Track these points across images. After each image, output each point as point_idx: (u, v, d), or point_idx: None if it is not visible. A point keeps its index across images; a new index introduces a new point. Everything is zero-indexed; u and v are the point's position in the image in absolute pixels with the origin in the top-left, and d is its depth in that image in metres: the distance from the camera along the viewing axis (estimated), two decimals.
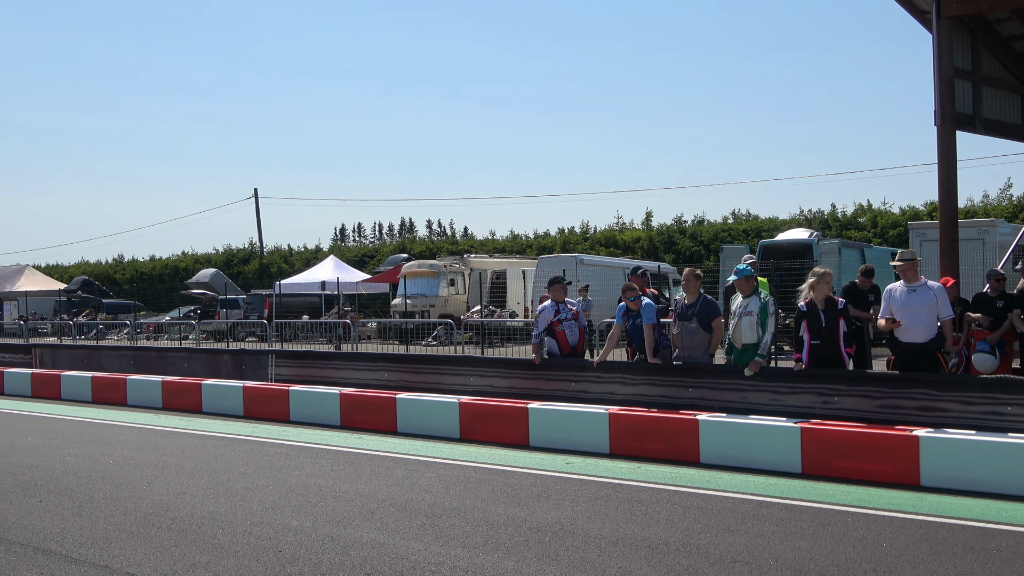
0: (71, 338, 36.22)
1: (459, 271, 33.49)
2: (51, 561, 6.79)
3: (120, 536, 7.45)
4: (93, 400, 17.48)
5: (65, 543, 7.27)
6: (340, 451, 11.42)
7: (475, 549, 6.84)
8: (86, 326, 38.18)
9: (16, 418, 15.46)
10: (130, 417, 15.06)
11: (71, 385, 18.23)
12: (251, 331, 33.20)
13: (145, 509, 8.38)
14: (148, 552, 6.95)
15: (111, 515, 8.18)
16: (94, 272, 62.53)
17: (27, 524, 7.91)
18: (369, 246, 67.94)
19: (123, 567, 6.58)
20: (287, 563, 6.58)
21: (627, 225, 50.91)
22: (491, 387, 13.52)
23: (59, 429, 13.91)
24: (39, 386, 18.96)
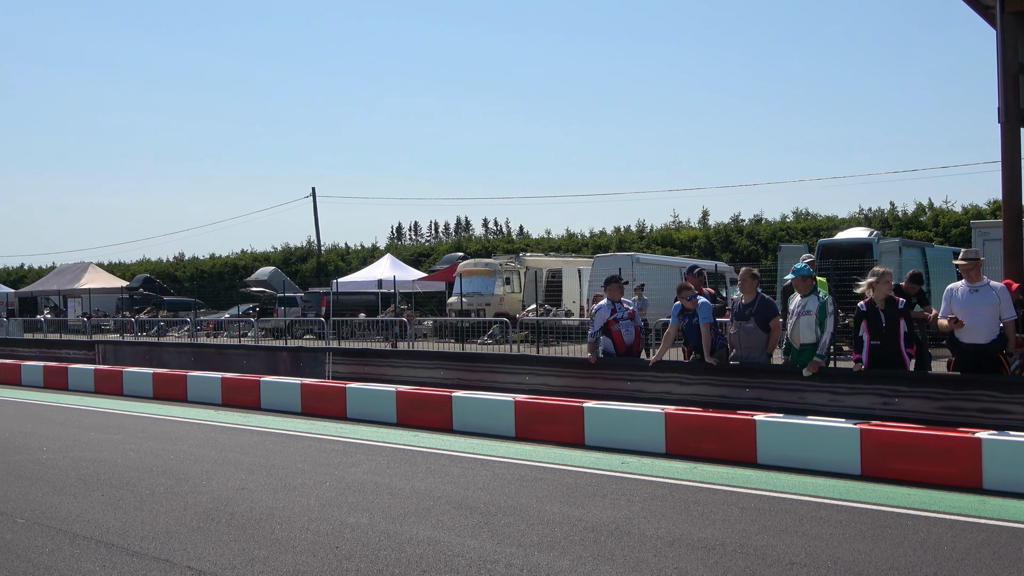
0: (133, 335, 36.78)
1: (515, 270, 33.52)
2: (113, 554, 6.91)
3: (180, 530, 7.56)
4: (154, 396, 17.75)
5: (127, 537, 7.39)
6: (396, 448, 11.49)
7: (530, 548, 6.85)
8: (148, 323, 38.75)
9: (80, 413, 15.74)
10: (190, 413, 15.27)
11: (133, 381, 18.52)
12: (309, 329, 33.49)
13: (205, 504, 8.49)
14: (208, 546, 7.04)
15: (172, 509, 8.30)
16: (156, 270, 63.41)
17: (90, 518, 8.06)
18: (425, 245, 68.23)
19: (183, 561, 6.68)
20: (344, 559, 6.63)
21: (684, 224, 50.63)
22: (546, 386, 13.52)
23: (121, 424, 14.14)
24: (102, 382, 19.28)
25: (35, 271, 71.28)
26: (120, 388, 18.67)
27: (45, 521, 7.95)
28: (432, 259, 50.89)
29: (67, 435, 12.99)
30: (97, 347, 23.76)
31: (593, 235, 52.24)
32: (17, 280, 68.74)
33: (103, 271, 58.32)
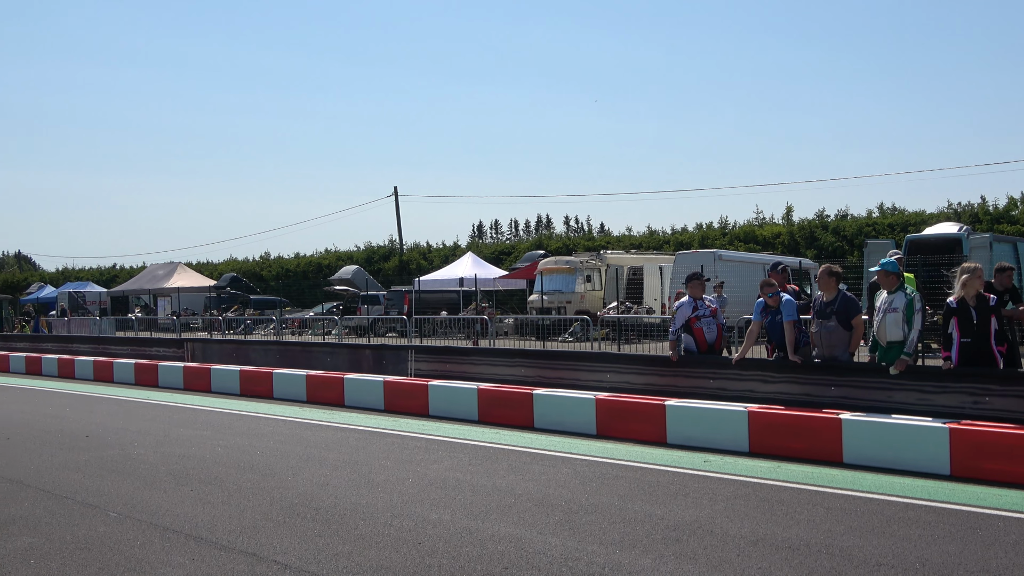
0: (220, 333, 37.47)
1: (596, 267, 33.41)
2: (202, 548, 7.05)
3: (267, 525, 7.68)
4: (241, 393, 18.07)
5: (215, 531, 7.54)
6: (478, 445, 11.54)
7: (612, 546, 6.83)
8: (235, 321, 39.43)
9: (169, 409, 16.09)
10: (276, 410, 15.51)
11: (220, 378, 18.88)
12: (391, 327, 33.78)
13: (290, 499, 8.62)
14: (293, 541, 7.15)
15: (258, 504, 8.44)
16: (242, 269, 64.46)
17: (179, 512, 8.23)
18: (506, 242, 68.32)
19: (270, 555, 6.79)
20: (426, 555, 6.68)
21: (767, 220, 49.97)
22: (628, 384, 13.46)
23: (209, 421, 14.42)
24: (191, 379, 19.69)
25: (126, 271, 72.97)
26: (208, 385, 19.04)
27: (136, 514, 8.14)
28: (513, 257, 50.93)
29: (157, 431, 13.29)
30: (186, 345, 24.26)
31: (675, 232, 51.80)
32: (109, 280, 70.45)
33: (191, 271, 59.52)
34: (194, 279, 56.12)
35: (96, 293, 59.55)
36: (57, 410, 16.36)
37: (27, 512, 8.35)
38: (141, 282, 57.81)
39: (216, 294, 50.88)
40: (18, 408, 16.87)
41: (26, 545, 7.24)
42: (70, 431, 13.40)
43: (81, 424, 14.19)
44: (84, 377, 23.31)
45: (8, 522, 8.00)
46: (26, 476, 10.03)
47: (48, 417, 15.28)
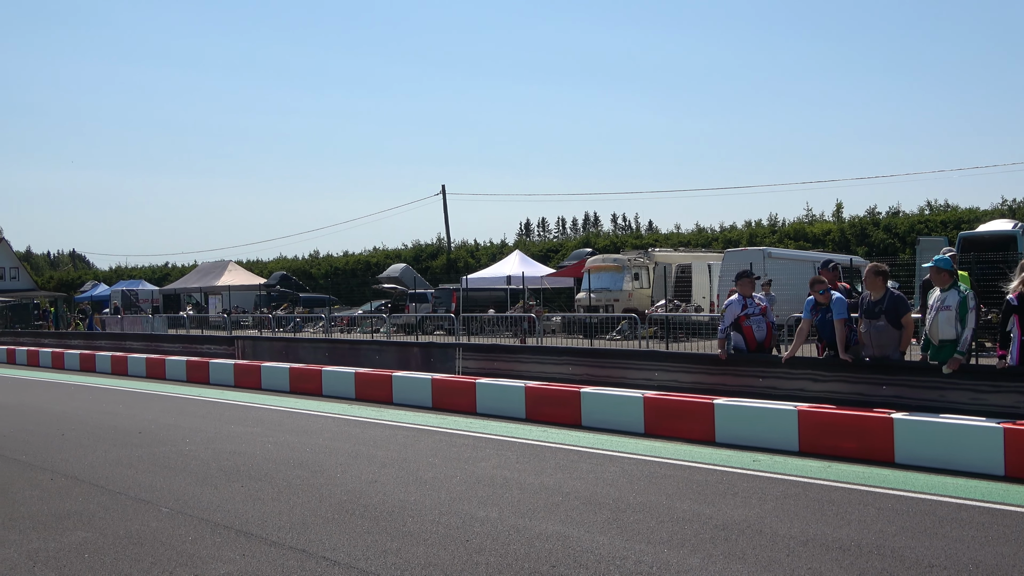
0: (270, 331, 37.81)
1: (643, 265, 33.27)
2: (253, 544, 7.12)
3: (316, 521, 7.74)
4: (291, 390, 18.21)
5: (266, 527, 7.60)
6: (525, 443, 11.54)
7: (660, 545, 6.80)
8: (284, 319, 39.77)
9: (220, 407, 16.26)
10: (325, 407, 15.62)
11: (270, 376, 19.05)
12: (439, 324, 33.89)
13: (339, 496, 8.67)
14: (342, 538, 7.19)
15: (308, 501, 8.51)
16: (291, 267, 64.94)
17: (230, 508, 8.31)
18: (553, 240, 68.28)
19: (319, 552, 6.83)
20: (474, 552, 6.70)
21: (817, 217, 49.53)
22: (676, 382, 13.40)
23: (259, 417, 14.55)
24: (241, 376, 19.89)
25: (178, 269, 73.83)
26: (258, 382, 19.22)
27: (188, 510, 8.24)
28: (560, 255, 50.87)
29: (208, 427, 13.43)
30: (236, 343, 24.52)
31: (723, 229, 51.48)
32: (162, 278, 71.31)
33: (242, 269, 60.09)
34: (244, 277, 56.65)
35: (148, 291, 60.35)
36: (111, 407, 16.60)
37: (82, 507, 8.48)
38: (192, 280, 58.48)
39: (266, 292, 51.32)
40: (73, 405, 17.14)
41: (81, 539, 7.36)
42: (123, 427, 13.59)
43: (134, 420, 14.38)
44: (137, 374, 23.64)
45: (63, 516, 8.13)
46: (81, 471, 10.19)
47: (102, 414, 15.51)
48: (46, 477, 9.95)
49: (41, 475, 10.08)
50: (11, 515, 8.24)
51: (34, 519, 8.08)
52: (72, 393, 19.67)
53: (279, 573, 6.34)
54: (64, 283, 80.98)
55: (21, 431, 13.52)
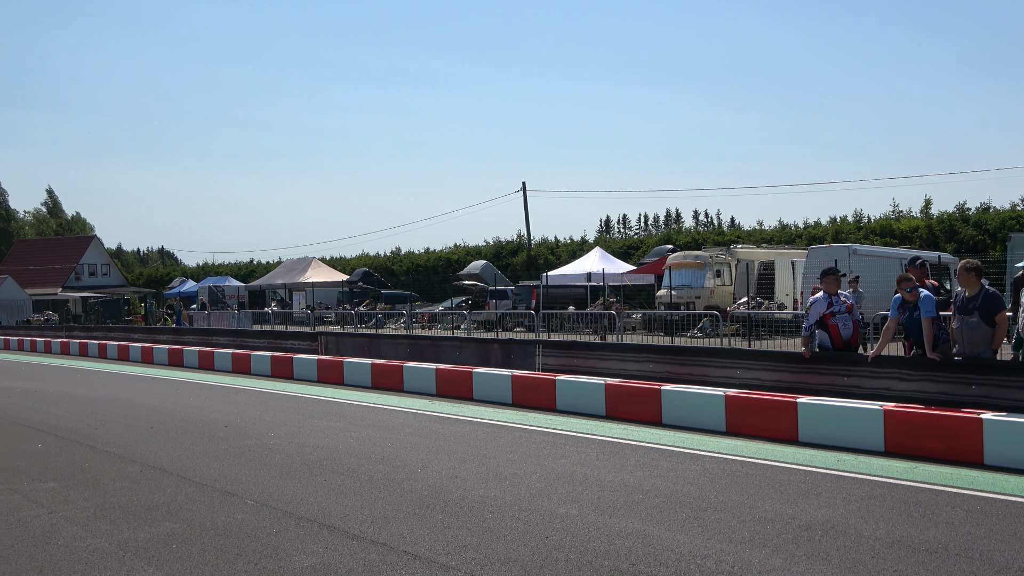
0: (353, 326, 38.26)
1: (725, 262, 32.95)
2: (335, 537, 7.21)
3: (397, 516, 7.81)
4: (372, 385, 18.39)
5: (348, 520, 7.70)
6: (605, 441, 11.51)
7: (741, 544, 6.73)
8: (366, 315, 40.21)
9: (304, 401, 16.49)
10: (406, 402, 15.75)
11: (353, 371, 19.26)
12: (519, 321, 33.96)
13: (420, 491, 8.74)
14: (423, 532, 7.25)
15: (389, 495, 8.59)
16: (373, 264, 65.54)
17: (313, 501, 8.43)
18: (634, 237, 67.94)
19: (400, 546, 6.90)
20: (553, 549, 6.70)
21: (904, 213, 48.52)
22: (758, 380, 13.26)
23: (342, 412, 14.72)
24: (324, 371, 20.14)
25: (263, 266, 75.01)
26: (341, 378, 19.45)
27: (272, 503, 8.37)
28: (641, 252, 50.59)
29: (292, 422, 13.63)
30: (320, 338, 24.84)
31: (807, 226, 50.70)
32: (247, 274, 72.55)
33: (325, 265, 60.87)
34: (327, 274, 57.39)
35: (234, 287, 61.43)
36: (198, 400, 16.95)
37: (170, 499, 8.67)
38: (277, 277, 59.40)
39: (349, 288, 51.95)
40: (162, 399, 17.53)
41: (169, 530, 7.52)
42: (210, 421, 13.86)
43: (220, 414, 14.66)
44: (223, 369, 24.10)
45: (152, 508, 8.33)
46: (169, 464, 10.42)
47: (189, 407, 15.84)
48: (136, 469, 10.20)
49: (131, 467, 10.33)
50: (102, 505, 8.47)
51: (124, 510, 8.28)
52: (160, 387, 20.12)
53: (361, 566, 6.41)
54: (153, 279, 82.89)
55: (112, 424, 13.87)
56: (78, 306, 67.10)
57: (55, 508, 8.43)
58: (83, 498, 8.81)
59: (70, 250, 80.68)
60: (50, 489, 9.28)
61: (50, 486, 9.43)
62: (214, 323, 45.37)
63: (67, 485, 9.45)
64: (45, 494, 9.05)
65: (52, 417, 14.87)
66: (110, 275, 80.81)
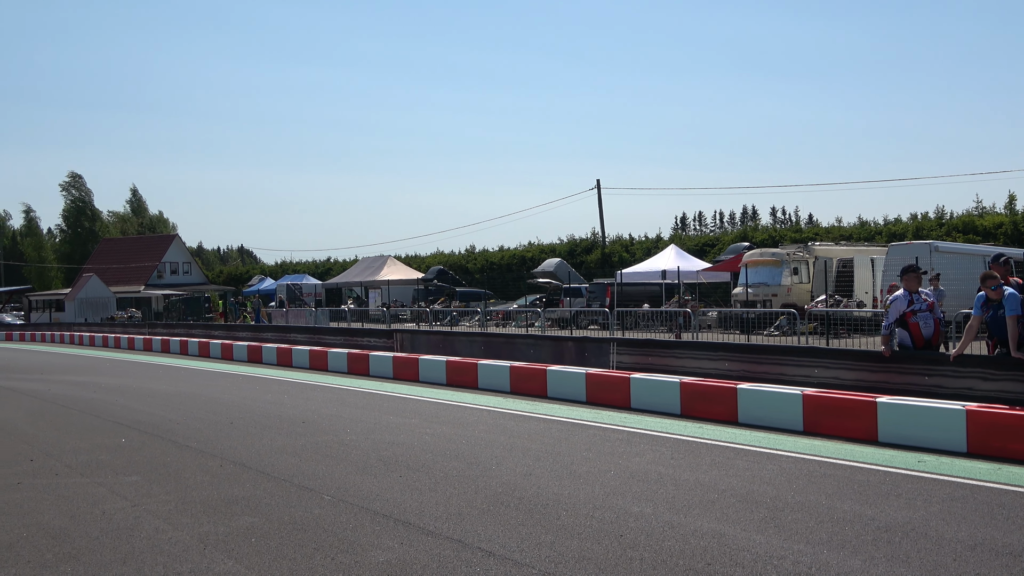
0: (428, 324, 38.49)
1: (803, 259, 32.50)
2: (410, 533, 7.27)
3: (471, 512, 7.85)
4: (447, 383, 18.49)
5: (423, 516, 7.75)
6: (680, 439, 11.44)
7: (819, 545, 6.65)
8: (441, 313, 40.41)
9: (379, 398, 16.64)
10: (480, 400, 15.81)
11: (428, 368, 19.38)
12: (593, 319, 33.87)
13: (494, 488, 8.77)
14: (497, 529, 7.27)
15: (463, 492, 8.63)
16: (448, 262, 65.84)
17: (389, 497, 8.51)
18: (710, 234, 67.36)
19: (474, 542, 6.93)
20: (628, 548, 6.68)
21: (987, 209, 47.43)
22: (836, 379, 13.07)
23: (417, 409, 14.83)
24: (399, 369, 20.30)
25: (340, 264, 75.87)
26: (416, 375, 19.59)
27: (348, 498, 8.47)
28: (717, 249, 50.13)
29: (368, 418, 13.77)
30: (395, 336, 25.04)
31: (887, 222, 49.85)
32: (324, 272, 73.42)
33: (400, 264, 61.31)
34: (403, 272, 57.80)
35: (312, 285, 62.18)
36: (276, 396, 17.19)
37: (249, 493, 8.82)
38: (353, 275, 59.97)
39: (424, 286, 52.24)
40: (241, 395, 17.82)
41: (248, 524, 7.65)
42: (288, 417, 14.06)
43: (298, 410, 14.86)
44: (300, 365, 24.42)
45: (232, 502, 8.47)
46: (248, 459, 10.60)
47: (268, 403, 16.08)
48: (216, 464, 10.39)
49: (211, 461, 10.52)
50: (183, 499, 8.64)
51: (205, 504, 8.44)
52: (240, 383, 20.46)
53: (436, 562, 6.46)
54: (233, 277, 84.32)
55: (193, 419, 14.14)
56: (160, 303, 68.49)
57: (138, 501, 8.63)
58: (165, 492, 9.01)
59: (153, 248, 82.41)
60: (133, 483, 9.50)
61: (133, 480, 9.65)
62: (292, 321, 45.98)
63: (150, 479, 9.67)
64: (128, 487, 9.27)
65: (135, 412, 15.21)
66: (191, 273, 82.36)
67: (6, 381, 22.68)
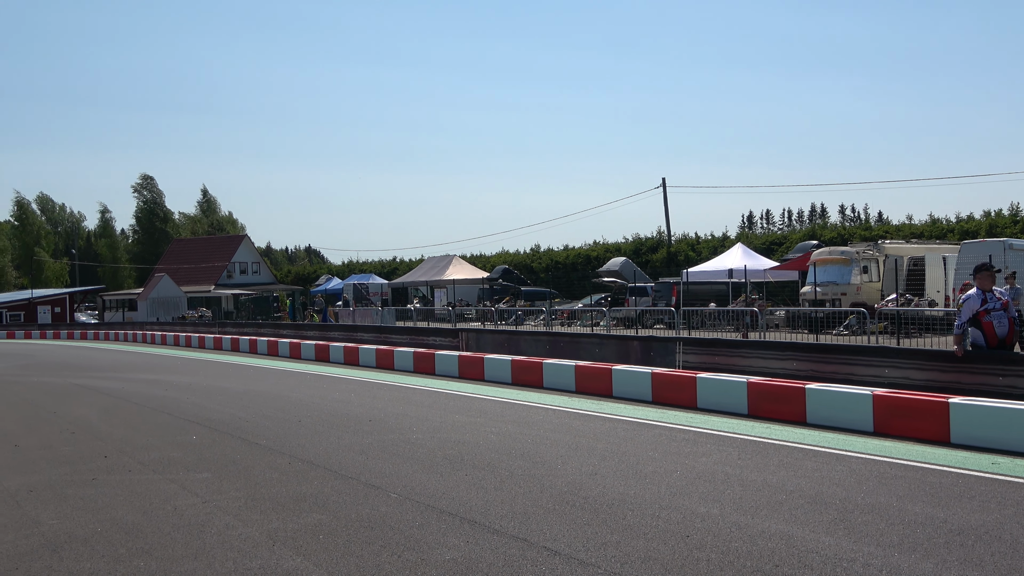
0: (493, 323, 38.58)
1: (873, 258, 32.04)
2: (476, 531, 7.29)
3: (537, 512, 7.85)
4: (512, 382, 18.52)
5: (488, 515, 7.77)
6: (747, 440, 11.33)
7: (890, 548, 6.55)
8: (506, 312, 40.48)
9: (445, 397, 16.72)
10: (545, 399, 15.81)
11: (493, 367, 19.43)
12: (659, 318, 33.72)
13: (559, 487, 8.77)
14: (562, 528, 7.27)
15: (529, 491, 8.64)
16: (513, 261, 65.94)
17: (455, 495, 8.54)
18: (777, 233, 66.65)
19: (540, 541, 6.93)
20: (694, 548, 6.64)
21: None
22: (907, 379, 12.87)
23: (482, 408, 14.87)
24: (465, 368, 20.38)
25: (406, 263, 76.35)
26: (481, 374, 19.65)
27: (415, 496, 8.52)
28: (784, 247, 49.59)
29: (434, 417, 13.84)
30: (460, 335, 25.15)
31: (959, 220, 48.88)
32: (390, 272, 73.93)
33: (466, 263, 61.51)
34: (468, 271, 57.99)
35: (378, 284, 62.65)
36: (343, 395, 17.36)
37: (317, 490, 8.92)
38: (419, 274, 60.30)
39: (489, 286, 52.40)
40: (309, 392, 18.02)
41: (316, 521, 7.74)
42: (354, 415, 14.18)
43: (364, 409, 14.99)
44: (367, 364, 24.63)
45: (300, 499, 8.57)
46: (316, 457, 10.71)
47: (335, 402, 16.24)
48: (284, 461, 10.52)
49: (280, 459, 10.66)
50: (253, 496, 8.76)
51: (273, 500, 8.55)
52: (307, 381, 20.68)
53: (501, 561, 6.48)
54: (300, 277, 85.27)
55: (262, 417, 14.33)
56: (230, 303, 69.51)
57: (208, 497, 8.77)
58: (235, 488, 9.14)
59: (222, 249, 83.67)
60: (204, 479, 9.65)
61: (204, 476, 9.81)
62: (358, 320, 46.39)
63: (220, 475, 9.82)
64: (199, 484, 9.42)
65: (206, 410, 15.45)
66: (260, 273, 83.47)
67: (81, 379, 23.20)
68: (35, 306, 74.89)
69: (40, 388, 20.95)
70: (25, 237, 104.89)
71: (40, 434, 13.37)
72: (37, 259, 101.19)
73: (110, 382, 21.93)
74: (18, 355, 37.21)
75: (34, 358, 34.50)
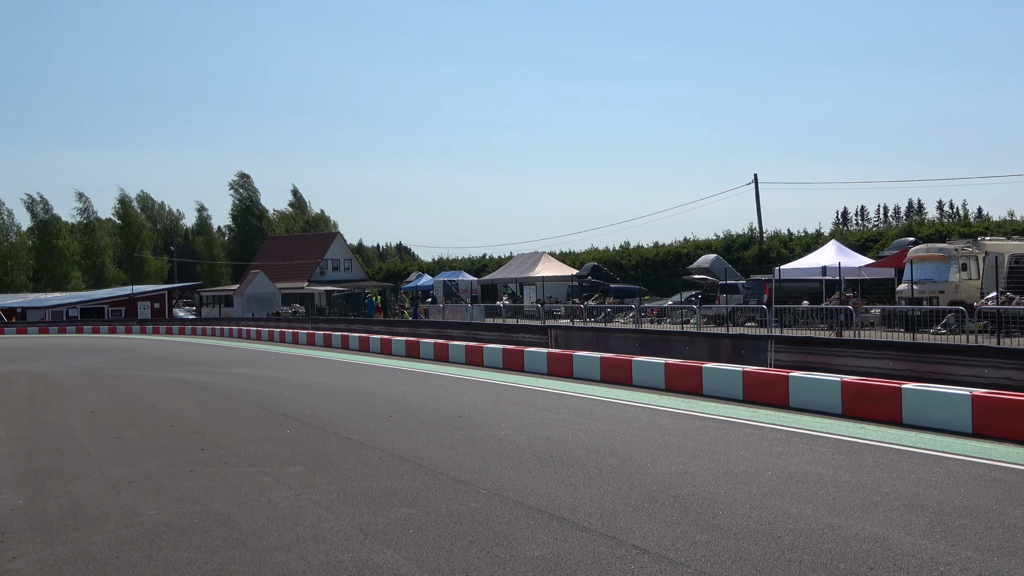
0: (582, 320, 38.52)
1: (972, 255, 31.23)
2: (564, 528, 7.30)
3: (626, 509, 7.82)
4: (601, 379, 18.48)
5: (577, 512, 7.77)
6: (841, 440, 11.14)
7: (989, 552, 6.38)
8: (595, 309, 40.38)
9: (534, 394, 16.74)
10: (634, 396, 15.74)
11: (582, 365, 19.41)
12: (750, 316, 33.33)
13: (649, 485, 8.73)
14: (651, 527, 7.24)
15: (618, 489, 8.61)
16: (602, 258, 65.73)
17: (543, 492, 8.56)
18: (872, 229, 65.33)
19: (628, 539, 6.91)
20: (786, 549, 6.55)
21: None
22: (1008, 380, 12.53)
23: (571, 405, 14.86)
24: (554, 364, 20.39)
25: (495, 260, 76.60)
26: (570, 371, 19.64)
27: (504, 493, 8.55)
28: (880, 244, 48.59)
29: (523, 414, 13.87)
30: (549, 332, 25.18)
31: None
32: (480, 269, 74.25)
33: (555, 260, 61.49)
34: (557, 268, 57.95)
35: (468, 281, 62.96)
36: (433, 391, 17.50)
37: (407, 485, 9.01)
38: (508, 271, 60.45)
39: (578, 283, 52.32)
40: (399, 389, 18.20)
41: (406, 515, 7.82)
42: (444, 411, 14.29)
43: (454, 405, 15.09)
44: (457, 361, 24.80)
45: (391, 493, 8.67)
46: (406, 452, 10.82)
47: (425, 397, 16.38)
48: (375, 456, 10.65)
49: (371, 454, 10.79)
50: (344, 490, 8.89)
51: (365, 495, 8.66)
52: (398, 377, 20.90)
53: (590, 558, 6.47)
54: (391, 274, 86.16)
55: (353, 412, 14.52)
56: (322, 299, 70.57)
57: (302, 491, 8.92)
58: (327, 482, 9.28)
59: (315, 246, 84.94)
60: (297, 472, 9.82)
61: (297, 469, 9.98)
62: (448, 316, 46.69)
63: (312, 469, 9.98)
64: (293, 477, 9.59)
65: (299, 404, 15.71)
66: (352, 270, 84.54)
67: (179, 373, 23.77)
68: (135, 302, 77.03)
69: (140, 382, 21.52)
70: (127, 235, 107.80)
71: (140, 427, 13.74)
72: (138, 256, 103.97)
73: (207, 376, 22.43)
74: (119, 349, 38.27)
75: (134, 352, 35.45)
